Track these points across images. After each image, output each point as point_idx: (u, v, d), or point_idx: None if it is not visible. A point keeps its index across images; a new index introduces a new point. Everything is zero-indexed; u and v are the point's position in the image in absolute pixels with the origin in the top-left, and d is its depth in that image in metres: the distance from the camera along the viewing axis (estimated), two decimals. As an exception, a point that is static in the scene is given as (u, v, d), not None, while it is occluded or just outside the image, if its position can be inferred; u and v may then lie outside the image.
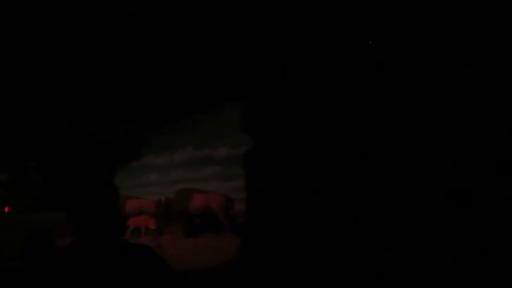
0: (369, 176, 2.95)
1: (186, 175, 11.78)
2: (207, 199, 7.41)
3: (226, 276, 4.04)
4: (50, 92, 7.60)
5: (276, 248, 3.00)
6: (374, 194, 2.93)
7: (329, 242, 2.90)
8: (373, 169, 2.95)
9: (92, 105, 8.65)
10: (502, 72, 2.72)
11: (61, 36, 5.62)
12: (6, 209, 10.71)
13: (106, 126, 10.11)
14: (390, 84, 3.04)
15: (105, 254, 1.27)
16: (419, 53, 2.99)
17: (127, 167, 11.10)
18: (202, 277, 4.26)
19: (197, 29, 5.03)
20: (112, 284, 1.21)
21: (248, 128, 3.79)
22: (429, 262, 2.71)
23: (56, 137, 9.84)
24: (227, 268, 4.28)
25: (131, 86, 8.33)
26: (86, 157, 9.83)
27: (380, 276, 2.86)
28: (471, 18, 2.84)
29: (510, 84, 2.68)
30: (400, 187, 2.92)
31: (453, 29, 2.88)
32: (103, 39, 5.84)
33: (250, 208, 3.55)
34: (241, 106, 4.03)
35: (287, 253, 2.95)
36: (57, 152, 10.09)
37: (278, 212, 3.07)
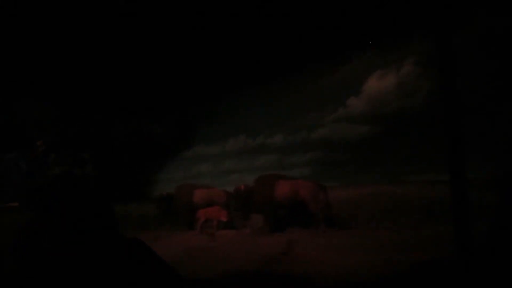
0: None
1: (240, 165, 11.19)
2: (295, 186, 6.32)
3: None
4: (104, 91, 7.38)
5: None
6: None
7: None
8: None
9: (144, 99, 8.74)
10: None
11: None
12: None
13: (157, 119, 10.08)
14: None
15: (97, 250, 1.25)
16: None
17: (179, 157, 10.86)
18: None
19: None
20: (106, 280, 1.20)
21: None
22: None
23: (109, 130, 9.83)
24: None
25: (181, 77, 8.11)
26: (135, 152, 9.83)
27: None
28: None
29: None
30: None
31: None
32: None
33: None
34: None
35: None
36: (111, 144, 10.05)
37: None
